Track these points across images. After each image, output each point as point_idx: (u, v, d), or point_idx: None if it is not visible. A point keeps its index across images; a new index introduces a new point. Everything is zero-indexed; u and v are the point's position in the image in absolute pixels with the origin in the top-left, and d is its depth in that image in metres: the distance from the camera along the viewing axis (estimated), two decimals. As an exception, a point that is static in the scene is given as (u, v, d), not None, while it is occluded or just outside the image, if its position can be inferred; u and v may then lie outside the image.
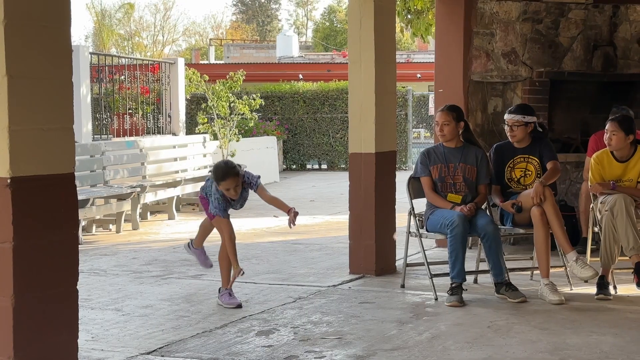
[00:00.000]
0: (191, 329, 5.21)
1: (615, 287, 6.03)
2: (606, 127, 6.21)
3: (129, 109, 13.39)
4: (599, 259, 6.03)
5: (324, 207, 12.12)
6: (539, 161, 6.29)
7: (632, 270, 5.97)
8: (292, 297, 6.10)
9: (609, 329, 5.07)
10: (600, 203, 6.10)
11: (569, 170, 8.30)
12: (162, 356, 4.63)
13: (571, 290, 6.14)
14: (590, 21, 8.40)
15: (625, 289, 6.05)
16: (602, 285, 5.92)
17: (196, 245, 6.50)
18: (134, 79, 13.71)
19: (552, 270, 5.99)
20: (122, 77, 13.61)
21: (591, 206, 6.37)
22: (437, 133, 6.30)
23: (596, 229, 6.22)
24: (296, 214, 5.93)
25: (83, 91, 11.62)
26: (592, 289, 5.96)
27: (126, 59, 15.07)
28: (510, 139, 6.35)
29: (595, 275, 5.84)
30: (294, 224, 5.92)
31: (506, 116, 6.36)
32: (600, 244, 6.01)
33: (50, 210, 3.72)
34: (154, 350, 4.74)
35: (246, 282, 6.66)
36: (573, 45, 8.37)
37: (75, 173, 3.90)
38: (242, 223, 10.52)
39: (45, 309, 3.72)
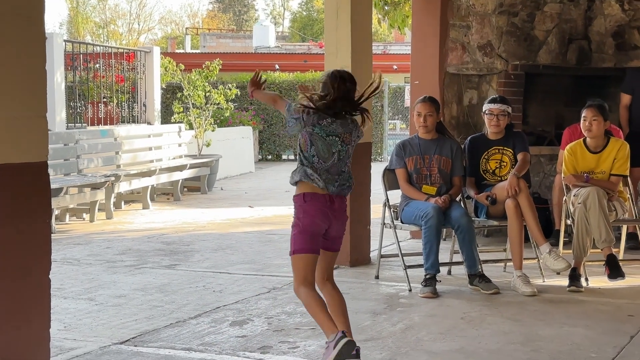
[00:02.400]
0: (165, 319, 5.19)
1: (587, 279, 6.09)
2: (583, 115, 6.24)
3: (103, 98, 13.31)
4: (571, 251, 6.08)
5: (299, 198, 12.09)
6: (513, 152, 6.33)
7: (603, 263, 6.03)
8: (266, 287, 6.10)
9: (581, 321, 5.12)
10: (574, 196, 6.15)
11: (543, 163, 8.35)
12: (135, 346, 4.62)
13: (543, 282, 6.19)
14: (566, 15, 8.44)
15: (596, 281, 6.11)
16: (574, 277, 5.97)
17: None
18: (108, 67, 13.62)
19: (525, 262, 6.03)
20: (97, 65, 13.51)
21: (564, 199, 6.42)
22: (417, 124, 6.26)
23: (569, 222, 6.27)
24: None
25: (57, 79, 11.53)
26: (564, 281, 6.01)
27: (101, 47, 14.96)
28: (491, 129, 6.36)
29: (567, 267, 5.89)
30: None
31: (491, 106, 6.34)
32: (573, 236, 6.06)
33: (23, 198, 3.69)
34: (127, 340, 4.72)
35: (220, 272, 6.65)
36: (548, 38, 8.41)
37: (49, 161, 3.87)
38: (217, 213, 10.52)
39: (17, 298, 3.69)
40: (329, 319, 4.00)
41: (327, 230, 4.13)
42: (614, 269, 5.94)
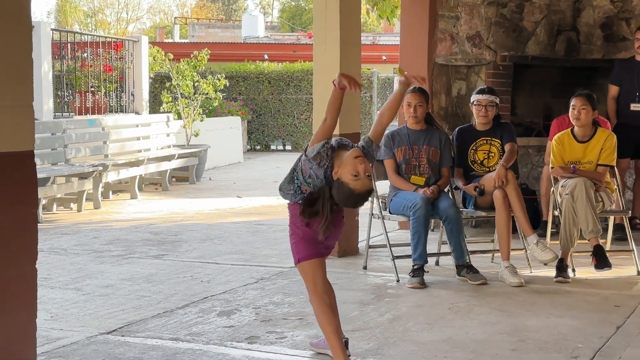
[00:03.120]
0: (152, 309, 5.18)
1: (574, 270, 6.11)
2: (572, 104, 6.26)
3: (91, 87, 13.25)
4: (558, 242, 6.10)
5: (287, 188, 12.10)
6: (501, 143, 6.34)
7: (590, 253, 6.05)
8: (254, 277, 6.10)
9: (567, 311, 5.14)
10: (561, 187, 6.17)
11: (531, 154, 8.37)
12: (123, 336, 4.61)
13: (531, 272, 6.20)
14: (554, 6, 8.45)
15: (583, 271, 6.13)
16: (561, 268, 5.99)
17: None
18: (96, 56, 13.56)
19: (512, 253, 6.05)
20: (85, 54, 13.45)
21: (552, 190, 6.43)
22: (407, 114, 6.26)
23: (556, 212, 6.29)
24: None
25: (44, 68, 11.47)
26: (552, 272, 6.03)
27: (89, 36, 14.89)
28: (479, 120, 6.36)
29: (555, 258, 5.90)
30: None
31: (479, 97, 6.34)
32: (560, 227, 6.08)
33: (9, 188, 3.67)
34: (114, 330, 4.71)
35: (208, 263, 6.65)
36: (537, 29, 8.42)
37: (36, 151, 3.85)
38: (205, 203, 10.50)
39: (3, 288, 3.67)
40: (339, 344, 3.90)
41: (326, 237, 4.04)
42: (600, 260, 5.96)
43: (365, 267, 6.39)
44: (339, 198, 3.83)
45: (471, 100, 6.45)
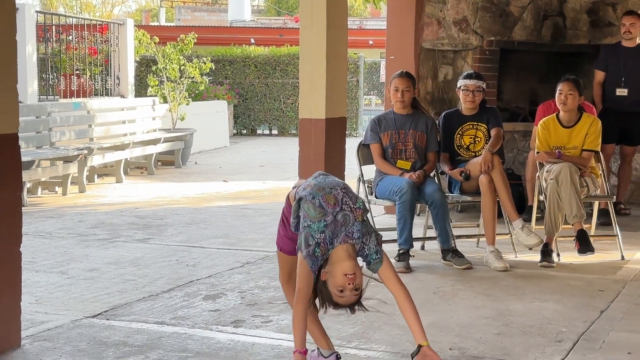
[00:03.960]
0: (137, 293, 5.18)
1: (558, 255, 6.13)
2: (559, 88, 6.27)
3: (76, 70, 13.18)
4: (543, 226, 6.13)
5: (273, 173, 12.12)
6: (487, 127, 6.35)
7: (574, 238, 6.08)
8: (239, 261, 6.10)
9: (552, 296, 5.17)
10: (546, 172, 6.19)
11: (517, 139, 8.38)
12: (108, 319, 4.60)
13: (516, 257, 6.23)
14: (541, -9, 8.45)
15: (568, 256, 6.16)
16: (546, 252, 6.02)
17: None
18: (81, 39, 13.48)
19: (497, 238, 6.07)
20: (70, 37, 13.37)
21: (537, 175, 6.45)
22: (394, 99, 6.25)
23: (542, 197, 6.31)
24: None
25: (29, 51, 11.39)
26: (536, 257, 6.05)
27: (74, 19, 14.79)
28: (466, 105, 6.36)
29: (539, 242, 5.93)
30: None
31: (467, 82, 6.33)
32: (545, 212, 6.10)
33: (-7, 171, 3.65)
34: (99, 314, 4.70)
35: (194, 247, 6.64)
36: (523, 14, 8.42)
37: (20, 134, 3.83)
38: (191, 187, 10.48)
39: (-13, 272, 3.66)
40: (320, 331, 3.86)
41: None
42: (584, 244, 5.99)
43: (351, 252, 6.38)
44: (320, 293, 3.64)
45: (458, 85, 6.45)
